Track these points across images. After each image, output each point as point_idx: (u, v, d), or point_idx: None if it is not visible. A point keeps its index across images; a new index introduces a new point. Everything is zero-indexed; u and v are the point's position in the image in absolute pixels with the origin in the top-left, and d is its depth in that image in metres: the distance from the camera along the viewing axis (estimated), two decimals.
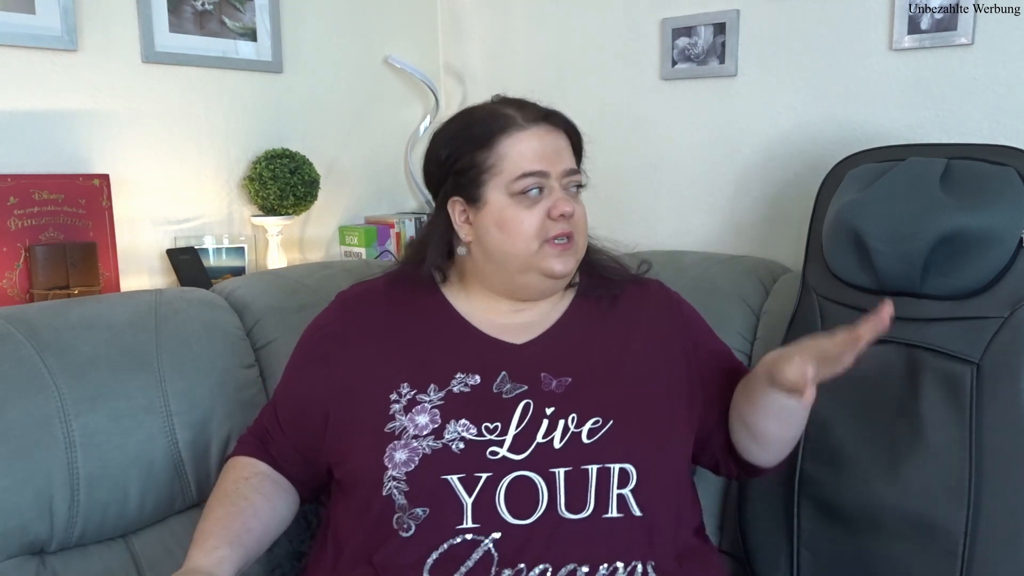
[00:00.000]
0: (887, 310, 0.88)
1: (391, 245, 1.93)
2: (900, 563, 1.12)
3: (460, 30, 2.17)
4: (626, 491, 0.96)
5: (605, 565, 0.93)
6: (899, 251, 1.15)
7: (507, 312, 1.08)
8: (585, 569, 0.92)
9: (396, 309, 1.09)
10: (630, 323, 1.10)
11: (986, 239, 1.12)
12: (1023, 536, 1.06)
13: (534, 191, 1.01)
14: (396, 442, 0.97)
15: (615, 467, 0.96)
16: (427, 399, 0.99)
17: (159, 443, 1.15)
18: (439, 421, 0.97)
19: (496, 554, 0.92)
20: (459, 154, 1.04)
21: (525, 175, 1.01)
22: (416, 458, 0.95)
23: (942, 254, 1.13)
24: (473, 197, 1.04)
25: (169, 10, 1.65)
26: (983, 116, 1.43)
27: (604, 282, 1.12)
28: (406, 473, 0.95)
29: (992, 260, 1.13)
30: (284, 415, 1.09)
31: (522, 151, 1.01)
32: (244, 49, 1.78)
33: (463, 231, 1.06)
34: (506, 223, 1.02)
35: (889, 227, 1.16)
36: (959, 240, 1.12)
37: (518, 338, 1.06)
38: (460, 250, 1.08)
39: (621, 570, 0.94)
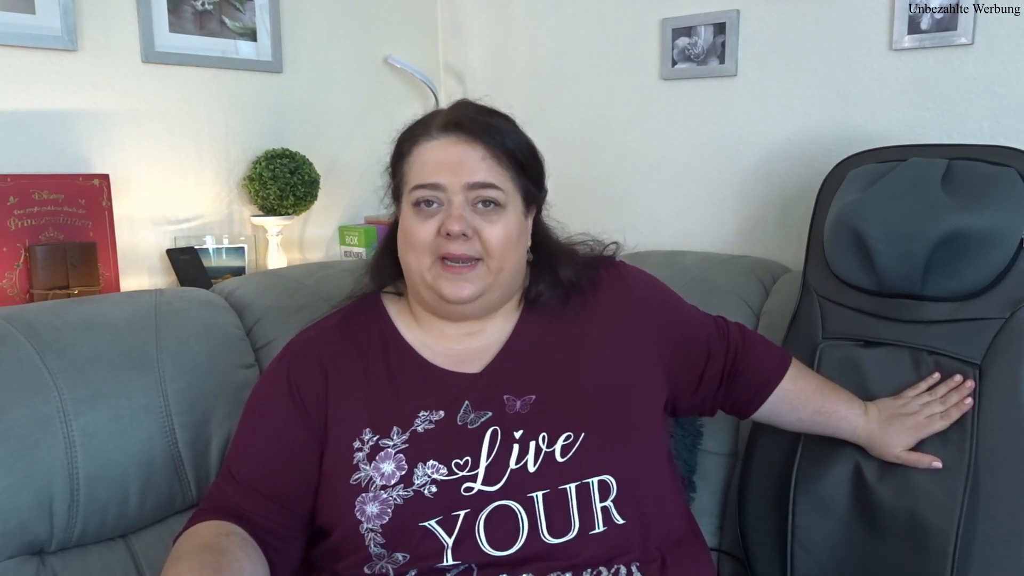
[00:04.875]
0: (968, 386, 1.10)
1: None
2: (895, 562, 1.12)
3: (460, 30, 2.17)
4: (608, 502, 0.94)
5: (588, 570, 0.92)
6: (900, 252, 1.15)
7: (458, 336, 1.03)
8: (568, 575, 0.91)
9: (351, 348, 1.03)
10: (584, 319, 1.05)
11: (987, 240, 1.12)
12: (1023, 537, 1.06)
13: (432, 204, 0.97)
14: (364, 494, 0.93)
15: (594, 480, 0.94)
16: (390, 443, 0.95)
17: (159, 443, 1.15)
18: (406, 467, 0.93)
19: (476, 569, 0.91)
20: (390, 162, 1.07)
21: (417, 187, 0.98)
22: (388, 510, 0.92)
23: (943, 255, 1.13)
24: (397, 206, 1.05)
25: (169, 10, 1.65)
26: (983, 116, 1.43)
27: (552, 285, 1.06)
28: (381, 526, 0.91)
29: (993, 261, 1.13)
30: (251, 482, 0.98)
31: (424, 161, 0.99)
32: (244, 49, 1.78)
33: None
34: (405, 234, 1.00)
35: (890, 228, 1.16)
36: (960, 241, 1.12)
37: (474, 367, 1.01)
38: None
39: (605, 573, 0.92)
